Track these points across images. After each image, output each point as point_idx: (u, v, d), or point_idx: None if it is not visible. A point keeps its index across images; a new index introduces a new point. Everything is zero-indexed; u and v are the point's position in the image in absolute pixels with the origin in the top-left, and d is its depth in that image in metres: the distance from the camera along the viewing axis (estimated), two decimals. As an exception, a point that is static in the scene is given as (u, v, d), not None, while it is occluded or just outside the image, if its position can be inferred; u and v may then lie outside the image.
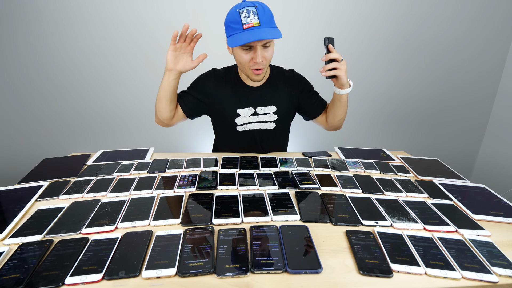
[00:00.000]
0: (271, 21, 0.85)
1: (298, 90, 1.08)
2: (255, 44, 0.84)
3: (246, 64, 0.89)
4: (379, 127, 1.99)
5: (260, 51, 0.85)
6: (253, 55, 0.86)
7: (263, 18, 0.82)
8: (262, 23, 0.82)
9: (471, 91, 1.92)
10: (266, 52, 0.87)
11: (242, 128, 1.06)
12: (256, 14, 0.81)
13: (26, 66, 1.61)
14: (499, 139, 1.94)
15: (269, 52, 0.89)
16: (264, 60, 0.87)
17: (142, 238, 0.59)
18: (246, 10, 0.81)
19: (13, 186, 0.83)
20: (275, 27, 0.86)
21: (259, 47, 0.84)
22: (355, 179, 0.88)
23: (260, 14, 0.81)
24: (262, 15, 0.82)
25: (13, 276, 0.49)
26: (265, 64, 0.89)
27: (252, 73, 0.91)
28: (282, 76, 1.07)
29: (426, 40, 1.77)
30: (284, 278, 0.50)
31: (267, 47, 0.87)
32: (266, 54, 0.88)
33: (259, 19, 0.81)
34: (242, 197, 0.75)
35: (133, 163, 0.97)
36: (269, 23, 0.84)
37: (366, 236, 0.61)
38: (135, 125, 1.82)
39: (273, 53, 0.91)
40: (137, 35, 1.61)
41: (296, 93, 1.08)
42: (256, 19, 0.81)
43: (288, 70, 1.10)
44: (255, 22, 0.81)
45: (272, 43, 0.88)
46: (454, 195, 0.80)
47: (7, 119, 1.71)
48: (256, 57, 0.85)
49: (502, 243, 0.60)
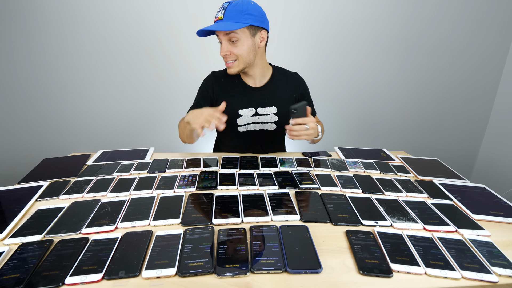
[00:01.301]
0: (238, 16, 0.87)
1: (298, 94, 1.09)
2: (219, 37, 0.91)
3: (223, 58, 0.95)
4: (379, 127, 1.99)
5: (225, 44, 0.91)
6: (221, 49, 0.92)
7: (229, 13, 0.87)
8: (226, 17, 0.87)
9: (471, 91, 1.92)
10: (233, 47, 0.91)
11: (243, 129, 1.06)
12: (224, 9, 0.88)
13: (26, 66, 1.61)
14: (499, 139, 1.94)
15: (238, 48, 0.91)
16: (230, 54, 0.92)
17: (142, 238, 0.59)
18: (221, 6, 0.89)
19: (13, 186, 0.83)
20: (239, 22, 0.87)
21: (223, 41, 0.91)
22: (355, 179, 0.88)
23: (228, 10, 0.87)
24: (229, 11, 0.87)
25: (13, 276, 0.49)
26: (234, 58, 0.93)
27: (227, 66, 0.97)
28: (285, 78, 1.08)
29: (426, 40, 1.77)
30: (284, 278, 0.50)
31: (235, 42, 0.90)
32: (233, 49, 0.91)
33: (224, 13, 0.87)
34: (242, 197, 0.75)
35: (133, 163, 0.97)
36: (234, 17, 0.87)
37: (366, 236, 0.61)
38: (135, 125, 1.82)
39: (247, 49, 0.92)
40: (137, 35, 1.61)
41: (296, 96, 1.09)
42: (221, 13, 0.88)
43: (292, 72, 1.11)
44: (220, 16, 0.88)
45: (241, 39, 0.90)
46: (454, 195, 0.80)
47: (7, 119, 1.71)
48: (221, 50, 0.92)
49: (502, 243, 0.60)
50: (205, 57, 1.67)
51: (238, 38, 0.89)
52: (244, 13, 0.87)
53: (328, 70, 1.80)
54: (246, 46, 0.91)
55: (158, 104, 1.78)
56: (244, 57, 0.93)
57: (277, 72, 1.07)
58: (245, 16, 0.87)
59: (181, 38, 1.63)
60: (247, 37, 0.91)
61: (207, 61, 1.66)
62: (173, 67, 1.70)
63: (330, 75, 1.81)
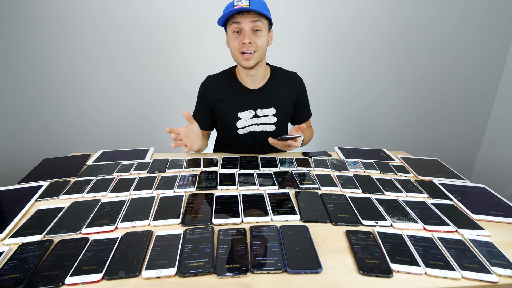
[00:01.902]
0: (263, 6, 0.87)
1: (296, 95, 1.08)
2: (244, 26, 0.85)
3: (236, 50, 0.90)
4: (379, 127, 1.99)
5: (248, 32, 0.86)
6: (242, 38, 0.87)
7: (254, 1, 0.84)
8: (252, 4, 0.83)
9: (471, 91, 1.92)
10: (256, 38, 0.88)
11: (244, 131, 1.06)
12: None
13: (26, 66, 1.61)
14: (499, 139, 1.94)
15: (261, 39, 0.89)
16: (253, 43, 0.87)
17: (142, 238, 0.59)
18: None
19: (13, 186, 0.83)
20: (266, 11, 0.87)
21: (246, 29, 0.86)
22: (355, 179, 0.88)
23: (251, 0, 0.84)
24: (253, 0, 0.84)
25: (13, 276, 0.49)
26: (254, 49, 0.89)
27: (242, 59, 0.91)
28: (283, 77, 1.07)
29: (426, 40, 1.77)
30: (284, 278, 0.50)
31: (258, 32, 0.87)
32: (256, 40, 0.88)
33: (249, 1, 0.83)
34: (242, 197, 0.75)
35: (133, 163, 0.97)
36: (260, 6, 0.85)
37: (366, 236, 0.61)
38: (135, 125, 1.82)
39: (266, 43, 0.91)
40: (137, 35, 1.61)
41: (294, 97, 1.08)
42: (246, 1, 0.83)
43: (291, 72, 1.10)
44: (245, 4, 0.83)
45: (264, 30, 0.88)
46: (454, 195, 0.80)
47: (7, 119, 1.71)
48: (244, 37, 0.86)
49: (502, 243, 0.60)
50: (205, 57, 1.67)
51: (261, 28, 0.87)
52: (266, 7, 0.88)
53: (328, 70, 1.80)
54: (265, 39, 0.90)
55: (158, 104, 1.78)
56: (262, 50, 0.91)
57: (276, 73, 1.06)
58: (267, 9, 0.88)
59: (181, 38, 1.63)
60: (266, 31, 0.90)
61: (207, 61, 1.67)
62: (173, 67, 1.70)
63: (330, 75, 1.81)
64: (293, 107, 1.09)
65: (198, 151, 1.07)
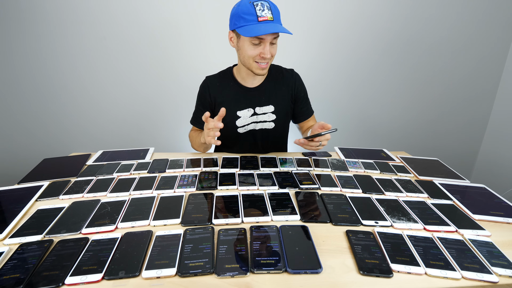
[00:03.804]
0: (280, 17, 0.89)
1: (294, 91, 1.08)
2: (267, 38, 0.86)
3: (252, 58, 0.91)
4: (379, 127, 1.99)
5: (268, 46, 0.88)
6: (262, 50, 0.88)
7: (275, 14, 0.86)
8: (275, 18, 0.86)
9: (471, 91, 1.92)
10: (273, 49, 0.91)
11: (243, 130, 1.06)
12: (270, 9, 0.85)
13: (26, 66, 1.61)
14: (499, 139, 1.94)
15: (275, 49, 0.92)
16: (271, 56, 0.91)
17: (142, 238, 0.59)
18: (260, 4, 0.84)
19: (13, 186, 0.83)
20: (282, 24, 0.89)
21: (267, 42, 0.87)
22: (355, 179, 0.88)
23: (273, 10, 0.85)
24: (274, 11, 0.86)
25: (13, 276, 0.49)
26: (270, 60, 0.92)
27: (257, 67, 0.92)
28: (281, 75, 1.07)
29: (427, 40, 1.77)
30: (284, 278, 0.50)
31: (274, 44, 0.90)
32: (273, 51, 0.91)
33: (272, 14, 0.85)
34: (242, 197, 0.75)
35: (133, 163, 0.97)
36: (279, 19, 0.88)
37: (366, 236, 0.61)
38: (135, 125, 1.82)
39: None
40: (137, 35, 1.61)
41: (292, 93, 1.08)
42: (270, 14, 0.85)
43: (288, 69, 1.11)
44: (269, 16, 0.84)
45: (277, 41, 0.91)
46: (454, 195, 0.80)
47: (7, 119, 1.71)
48: (265, 52, 0.88)
49: (502, 243, 0.60)
50: (205, 57, 1.67)
51: (277, 40, 0.91)
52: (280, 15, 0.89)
53: (328, 70, 1.80)
54: (276, 47, 0.93)
55: (158, 104, 1.78)
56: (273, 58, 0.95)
57: (273, 70, 1.07)
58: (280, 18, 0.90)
59: (181, 38, 1.63)
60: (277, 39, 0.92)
61: (207, 61, 1.67)
62: (173, 67, 1.70)
63: (330, 75, 1.81)
64: (292, 103, 1.10)
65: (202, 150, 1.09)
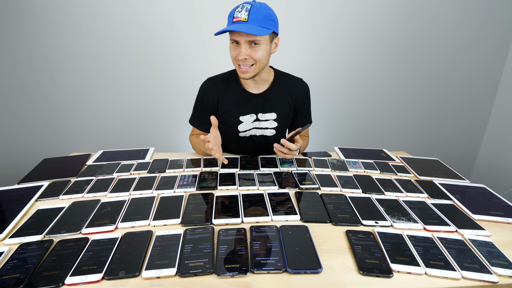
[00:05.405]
0: (263, 20, 0.83)
1: (298, 102, 1.06)
2: (240, 39, 0.84)
3: (234, 60, 0.90)
4: (379, 127, 1.99)
5: (245, 47, 0.85)
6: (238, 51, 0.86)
7: (254, 15, 0.82)
8: (250, 20, 0.82)
9: (471, 91, 1.92)
10: (254, 51, 0.86)
11: (244, 135, 1.05)
12: (248, 10, 0.82)
13: (26, 66, 1.61)
14: (499, 139, 1.94)
15: (259, 53, 0.86)
16: (249, 58, 0.86)
17: (142, 238, 0.59)
18: (241, 6, 0.84)
19: (13, 186, 0.83)
20: (265, 27, 0.84)
21: (243, 43, 0.84)
22: (355, 179, 0.88)
23: (252, 11, 0.82)
24: (253, 13, 0.82)
25: (13, 276, 0.49)
26: (252, 62, 0.88)
27: (238, 69, 0.91)
28: (288, 83, 1.04)
29: (427, 40, 1.77)
30: (284, 278, 0.50)
31: (255, 46, 0.85)
32: (253, 53, 0.86)
33: (248, 15, 0.82)
34: (242, 197, 0.75)
35: (133, 163, 0.97)
36: (259, 21, 0.82)
37: (366, 236, 0.61)
38: (135, 125, 1.82)
39: (266, 54, 0.88)
40: (137, 35, 1.61)
41: (295, 103, 1.06)
42: (245, 15, 0.82)
43: (297, 78, 1.08)
44: (243, 18, 0.82)
45: (262, 44, 0.86)
46: (454, 195, 0.80)
47: (7, 119, 1.71)
48: (240, 53, 0.85)
49: (502, 243, 0.60)
50: (205, 57, 1.67)
51: (260, 42, 0.85)
52: (268, 19, 0.84)
53: (329, 71, 1.80)
54: (265, 51, 0.88)
55: (158, 104, 1.78)
56: (262, 62, 0.89)
57: (280, 77, 1.04)
58: (269, 22, 0.85)
59: (181, 38, 1.63)
60: (267, 43, 0.87)
61: (207, 61, 1.67)
62: (173, 67, 1.70)
63: (331, 75, 1.81)
64: (293, 113, 1.08)
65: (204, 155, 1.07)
